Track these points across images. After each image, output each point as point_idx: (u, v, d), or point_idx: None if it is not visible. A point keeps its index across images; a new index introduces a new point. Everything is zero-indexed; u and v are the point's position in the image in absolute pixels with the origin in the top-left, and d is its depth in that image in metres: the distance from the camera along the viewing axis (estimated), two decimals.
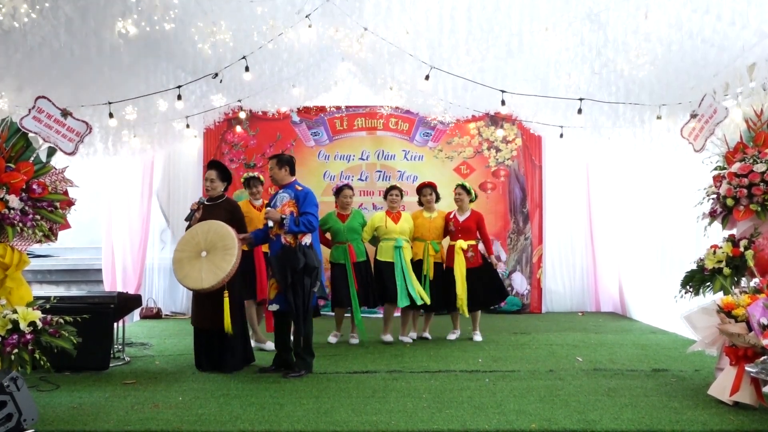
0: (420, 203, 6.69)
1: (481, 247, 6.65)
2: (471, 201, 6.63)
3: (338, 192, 6.51)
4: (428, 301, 6.31)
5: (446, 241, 6.71)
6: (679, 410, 3.95)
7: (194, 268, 4.86)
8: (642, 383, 4.68)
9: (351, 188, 6.58)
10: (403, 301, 6.24)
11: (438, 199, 6.69)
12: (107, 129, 6.50)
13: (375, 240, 6.61)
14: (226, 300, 4.97)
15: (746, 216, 4.47)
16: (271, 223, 5.02)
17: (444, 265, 6.57)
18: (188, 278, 4.86)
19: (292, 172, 5.27)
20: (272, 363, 5.22)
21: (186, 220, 5.44)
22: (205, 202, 5.38)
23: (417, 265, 6.48)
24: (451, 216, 6.60)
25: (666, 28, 4.63)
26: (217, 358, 5.17)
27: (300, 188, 5.19)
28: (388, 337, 6.48)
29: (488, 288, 6.52)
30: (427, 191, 6.58)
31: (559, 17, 4.97)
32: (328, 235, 6.54)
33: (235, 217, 5.22)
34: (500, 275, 6.69)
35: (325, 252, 6.75)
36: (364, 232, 6.54)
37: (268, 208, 5.12)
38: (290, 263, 4.90)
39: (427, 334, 6.67)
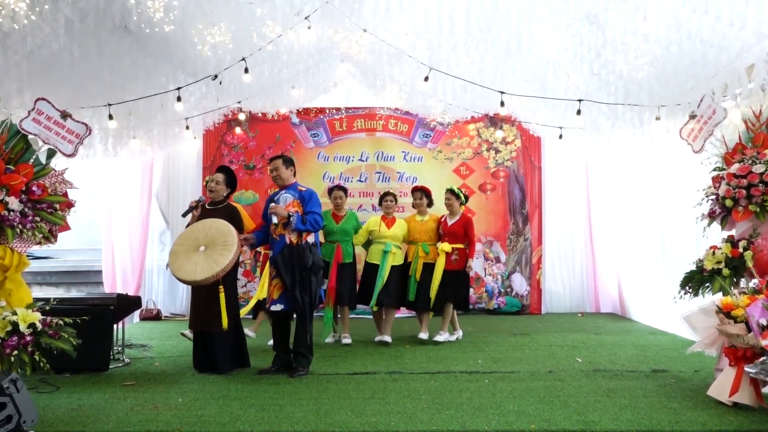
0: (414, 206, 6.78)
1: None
2: (461, 204, 6.65)
3: (329, 192, 6.68)
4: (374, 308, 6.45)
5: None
6: (678, 411, 3.95)
7: (190, 260, 4.80)
8: (641, 384, 4.68)
9: (342, 189, 6.65)
10: (371, 301, 6.35)
11: (431, 203, 6.75)
12: (107, 131, 6.51)
13: (368, 243, 6.67)
14: (222, 295, 4.94)
15: (745, 217, 4.47)
16: (275, 220, 5.01)
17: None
18: (182, 270, 4.78)
19: (294, 173, 5.30)
20: (272, 364, 5.22)
21: (182, 215, 5.50)
22: (207, 206, 5.38)
23: (408, 267, 6.57)
24: (442, 219, 6.65)
25: (665, 29, 4.63)
26: (209, 359, 5.17)
27: (303, 188, 5.24)
28: (386, 338, 6.47)
29: (450, 292, 6.43)
30: (416, 195, 6.68)
31: (558, 18, 4.98)
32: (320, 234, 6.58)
33: (234, 222, 5.18)
34: (469, 283, 6.70)
35: None
36: (359, 236, 6.61)
37: (273, 204, 5.10)
38: (300, 261, 4.94)
39: (423, 335, 6.61)
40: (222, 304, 4.95)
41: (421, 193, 6.67)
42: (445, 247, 6.42)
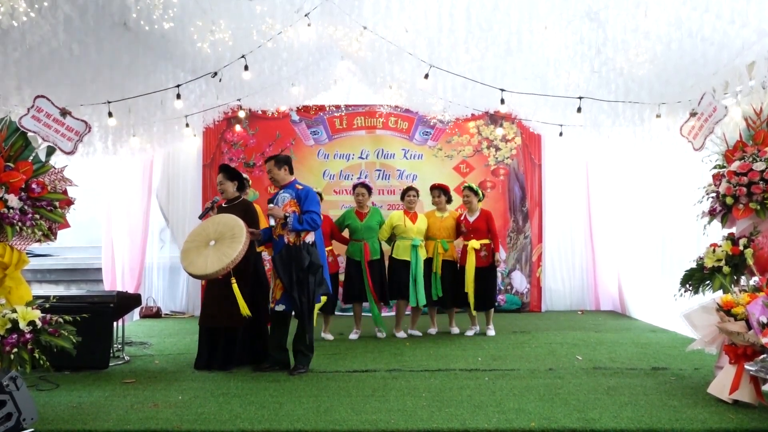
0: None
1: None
2: (479, 201, 6.80)
3: (353, 189, 6.83)
4: (422, 303, 6.60)
5: (459, 241, 6.92)
6: (678, 408, 3.95)
7: (200, 255, 4.87)
8: (641, 382, 4.68)
9: (365, 187, 6.76)
10: (413, 300, 6.53)
11: (449, 200, 6.90)
12: (106, 128, 6.50)
13: (391, 238, 6.75)
14: (235, 285, 4.91)
15: (746, 214, 4.47)
16: (273, 222, 5.02)
17: (458, 264, 6.79)
18: (193, 265, 4.86)
19: (291, 171, 5.28)
20: (266, 361, 5.23)
21: (199, 218, 5.69)
22: (223, 205, 5.49)
23: (427, 263, 6.69)
24: (462, 218, 6.78)
25: (665, 27, 4.63)
26: (222, 357, 5.18)
27: (300, 187, 5.20)
28: (401, 334, 6.71)
29: (480, 291, 6.63)
30: (435, 193, 6.83)
31: (558, 15, 4.97)
32: (345, 233, 6.76)
33: (247, 217, 5.21)
34: (498, 278, 7.05)
35: (340, 248, 6.94)
36: (383, 231, 6.71)
37: (271, 205, 5.12)
38: (296, 262, 4.92)
39: (454, 329, 6.93)
40: (237, 294, 4.91)
41: (440, 191, 6.81)
42: (474, 244, 6.59)
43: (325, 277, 5.14)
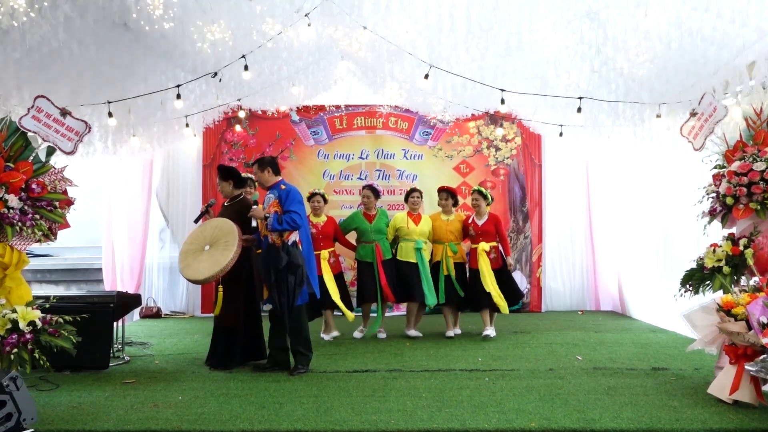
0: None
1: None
2: (488, 204, 6.79)
3: (361, 191, 6.84)
4: (433, 303, 6.57)
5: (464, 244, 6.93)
6: (678, 409, 3.95)
7: (196, 260, 4.99)
8: (642, 382, 4.68)
9: (371, 189, 6.73)
10: (431, 300, 6.50)
11: (456, 203, 6.88)
12: (106, 128, 6.50)
13: (395, 240, 6.77)
14: (220, 294, 5.14)
15: (746, 214, 4.47)
16: (254, 223, 5.07)
17: (467, 266, 6.77)
18: (188, 269, 4.98)
19: (276, 172, 5.25)
20: (266, 361, 5.26)
21: (195, 221, 5.77)
22: (225, 203, 5.57)
23: (435, 267, 6.67)
24: (470, 220, 6.76)
25: (666, 26, 4.62)
26: (221, 354, 5.24)
27: (284, 187, 5.18)
28: (413, 332, 6.71)
29: (504, 291, 6.62)
30: (442, 195, 6.80)
31: (558, 15, 4.97)
32: (350, 237, 6.76)
33: (242, 217, 5.22)
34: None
35: (343, 250, 6.96)
36: (387, 233, 6.70)
37: (254, 207, 5.18)
38: (273, 262, 4.91)
39: (457, 330, 6.89)
40: (219, 300, 5.17)
41: (447, 194, 6.79)
42: (484, 246, 6.58)
43: (310, 279, 5.12)
